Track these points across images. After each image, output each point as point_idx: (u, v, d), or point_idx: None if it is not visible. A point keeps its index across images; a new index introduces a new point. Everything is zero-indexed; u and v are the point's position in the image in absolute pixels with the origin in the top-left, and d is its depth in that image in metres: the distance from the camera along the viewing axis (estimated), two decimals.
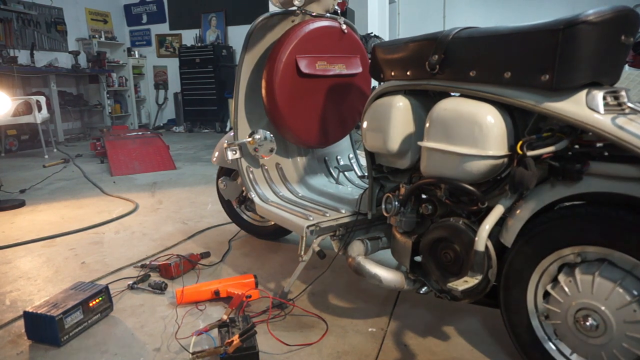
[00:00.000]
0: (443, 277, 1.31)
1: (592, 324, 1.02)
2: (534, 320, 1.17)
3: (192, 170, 4.41)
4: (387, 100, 1.40)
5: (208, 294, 1.70)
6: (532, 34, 1.03)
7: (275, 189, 2.01)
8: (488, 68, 1.13)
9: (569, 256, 1.08)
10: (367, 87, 2.09)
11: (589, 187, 1.03)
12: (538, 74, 1.02)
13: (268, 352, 1.38)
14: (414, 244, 1.37)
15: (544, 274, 1.13)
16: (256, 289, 1.72)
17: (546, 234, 1.09)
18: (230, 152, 1.91)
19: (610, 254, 1.01)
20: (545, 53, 1.00)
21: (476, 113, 1.13)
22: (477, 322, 1.54)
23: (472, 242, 1.18)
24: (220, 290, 1.69)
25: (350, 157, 2.25)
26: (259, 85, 1.89)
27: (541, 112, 1.04)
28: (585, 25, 0.94)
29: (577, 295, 1.05)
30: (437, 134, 1.21)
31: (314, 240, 1.63)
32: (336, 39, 1.95)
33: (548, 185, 1.10)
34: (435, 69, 1.24)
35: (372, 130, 1.45)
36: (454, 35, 1.20)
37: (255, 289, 1.72)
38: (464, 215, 1.27)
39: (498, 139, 1.11)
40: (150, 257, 2.15)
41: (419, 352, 1.37)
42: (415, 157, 1.40)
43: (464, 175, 1.16)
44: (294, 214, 1.75)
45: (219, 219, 2.72)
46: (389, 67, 1.41)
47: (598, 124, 0.95)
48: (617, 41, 0.98)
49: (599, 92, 0.98)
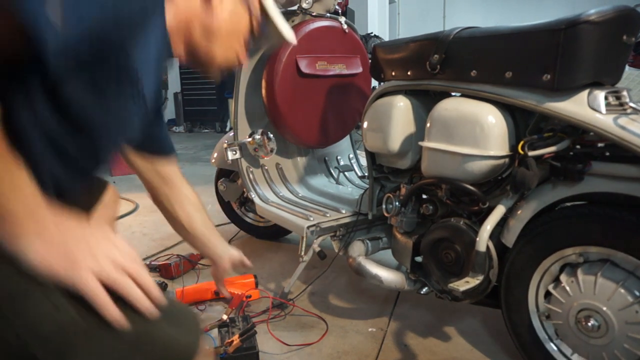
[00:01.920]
0: (444, 278, 1.30)
1: (594, 324, 1.02)
2: (535, 320, 1.17)
3: (192, 170, 4.41)
4: (388, 100, 1.40)
5: (208, 294, 1.70)
6: (534, 33, 1.03)
7: (276, 189, 2.01)
8: (489, 68, 1.13)
9: (571, 256, 1.08)
10: (367, 87, 2.09)
11: (591, 187, 1.02)
12: (539, 74, 1.02)
13: (268, 352, 1.37)
14: (415, 244, 1.37)
15: (545, 274, 1.13)
16: (256, 289, 1.71)
17: (548, 234, 1.09)
18: (230, 152, 1.91)
19: (613, 255, 1.01)
20: (547, 53, 0.99)
21: (477, 113, 1.13)
22: (477, 322, 1.53)
23: (473, 242, 1.17)
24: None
25: (351, 157, 2.24)
26: (259, 85, 1.89)
27: (542, 112, 1.03)
28: (587, 25, 0.94)
29: (579, 296, 1.04)
30: (438, 134, 1.20)
31: (314, 240, 1.62)
32: (336, 39, 1.94)
33: (549, 185, 1.09)
34: (436, 68, 1.23)
35: (373, 130, 1.44)
36: (455, 35, 1.20)
37: (256, 289, 1.71)
38: (465, 216, 1.27)
39: (499, 139, 1.11)
40: (150, 257, 2.15)
41: (419, 352, 1.37)
42: (416, 157, 1.39)
43: (465, 175, 1.16)
44: (294, 214, 1.75)
45: (219, 219, 2.72)
46: (390, 67, 1.40)
47: (600, 124, 0.95)
48: (619, 41, 0.98)
49: (601, 92, 0.98)
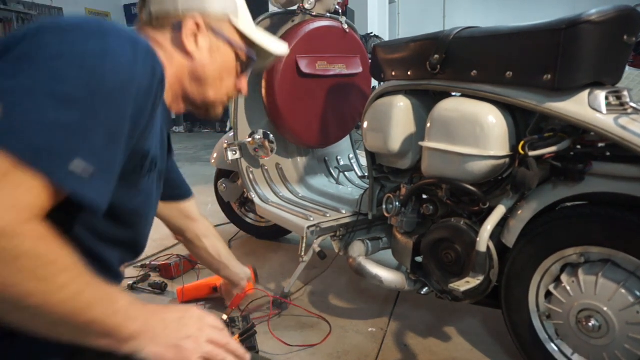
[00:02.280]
0: (444, 278, 1.30)
1: (595, 324, 1.02)
2: (536, 320, 1.17)
3: (192, 170, 4.40)
4: (388, 100, 1.40)
5: (207, 289, 1.70)
6: (534, 33, 1.02)
7: (276, 189, 2.01)
8: (489, 68, 1.12)
9: (572, 256, 1.07)
10: (367, 87, 2.09)
11: (592, 187, 1.02)
12: (540, 74, 1.01)
13: (268, 352, 1.37)
14: (415, 244, 1.37)
15: (546, 274, 1.13)
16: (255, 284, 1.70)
17: (549, 234, 1.09)
18: (230, 152, 1.90)
19: (614, 255, 1.01)
20: (548, 53, 0.99)
21: (477, 113, 1.12)
22: (477, 322, 1.53)
23: (473, 242, 1.17)
24: (219, 285, 1.69)
25: (351, 157, 2.24)
26: (259, 85, 1.89)
27: (543, 112, 1.03)
28: (588, 24, 0.94)
29: (580, 296, 1.04)
30: (439, 134, 1.20)
31: (314, 240, 1.62)
32: (336, 39, 1.94)
33: (550, 185, 1.09)
34: (436, 68, 1.23)
35: (373, 130, 1.44)
36: (455, 35, 1.19)
37: (256, 281, 1.70)
38: (465, 216, 1.26)
39: (499, 139, 1.11)
40: (150, 257, 2.14)
41: (419, 352, 1.37)
42: (416, 158, 1.39)
43: (466, 175, 1.16)
44: (294, 214, 1.74)
45: (219, 219, 2.71)
46: (390, 67, 1.40)
47: (600, 124, 0.95)
48: (620, 41, 0.98)
49: (602, 92, 0.97)
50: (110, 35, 0.57)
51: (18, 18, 6.20)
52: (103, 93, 0.54)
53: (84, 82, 0.53)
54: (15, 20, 6.16)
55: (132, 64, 0.57)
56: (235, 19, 0.84)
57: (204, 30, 0.80)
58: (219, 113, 0.89)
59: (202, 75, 0.82)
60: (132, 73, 0.57)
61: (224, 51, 0.84)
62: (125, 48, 0.57)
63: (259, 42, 0.88)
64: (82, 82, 0.53)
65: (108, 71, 0.54)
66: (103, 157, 0.55)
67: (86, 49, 0.54)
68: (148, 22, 0.81)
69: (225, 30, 0.83)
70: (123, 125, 0.57)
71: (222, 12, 0.82)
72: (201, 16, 0.80)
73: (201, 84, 0.83)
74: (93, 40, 0.55)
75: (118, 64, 0.55)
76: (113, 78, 0.55)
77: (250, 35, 0.86)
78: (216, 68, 0.83)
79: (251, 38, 0.86)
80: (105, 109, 0.54)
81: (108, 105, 0.54)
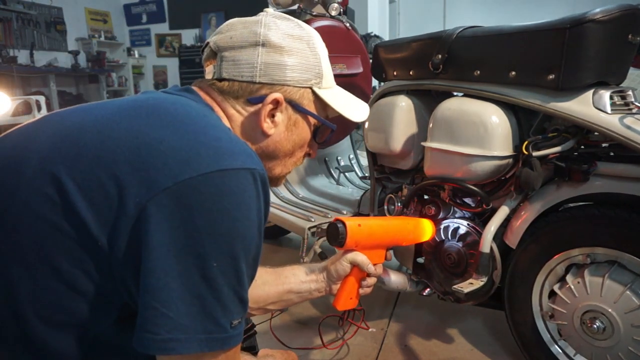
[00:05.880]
0: (447, 279, 1.29)
1: (599, 326, 1.01)
2: (539, 321, 1.16)
3: None
4: (390, 100, 1.39)
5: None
6: (538, 32, 1.02)
7: (276, 190, 2.00)
8: (492, 67, 1.11)
9: (577, 257, 1.07)
10: (367, 87, 2.08)
11: (596, 187, 1.01)
12: (544, 74, 1.01)
13: None
14: (417, 245, 1.36)
15: (550, 274, 1.12)
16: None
17: (555, 234, 1.08)
18: None
19: (620, 257, 1.00)
20: (552, 52, 0.98)
21: (480, 113, 1.12)
22: (477, 323, 1.53)
23: (476, 243, 1.17)
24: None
25: (351, 158, 2.23)
26: None
27: (547, 112, 1.02)
28: (592, 24, 0.93)
29: (585, 297, 1.03)
30: (441, 134, 1.19)
31: (315, 241, 1.61)
32: (336, 39, 1.93)
33: (554, 186, 1.08)
34: (438, 68, 1.22)
35: (375, 130, 1.43)
36: (458, 35, 1.18)
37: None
38: (468, 217, 1.25)
39: (503, 139, 1.10)
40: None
41: (419, 353, 1.36)
42: (418, 158, 1.38)
43: (468, 176, 1.15)
44: (295, 215, 1.74)
45: None
46: (392, 67, 1.39)
47: (605, 123, 0.94)
48: (624, 40, 0.97)
49: (606, 91, 0.97)
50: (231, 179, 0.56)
51: (18, 18, 6.19)
52: (254, 257, 0.59)
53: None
54: (15, 19, 6.15)
55: (259, 215, 0.59)
56: (319, 87, 0.74)
57: (282, 105, 0.70)
58: (279, 185, 0.83)
59: (272, 152, 0.74)
60: (261, 229, 0.59)
61: (302, 125, 0.74)
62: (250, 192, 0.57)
63: (342, 111, 0.77)
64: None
65: (251, 237, 0.58)
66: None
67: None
68: (215, 83, 0.70)
69: (306, 101, 0.73)
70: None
71: (306, 83, 0.72)
72: (282, 89, 0.70)
73: (270, 160, 0.75)
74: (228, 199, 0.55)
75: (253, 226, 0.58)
76: (259, 243, 0.59)
77: (333, 105, 0.76)
78: (290, 145, 0.74)
79: (334, 107, 0.76)
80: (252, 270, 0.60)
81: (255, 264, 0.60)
